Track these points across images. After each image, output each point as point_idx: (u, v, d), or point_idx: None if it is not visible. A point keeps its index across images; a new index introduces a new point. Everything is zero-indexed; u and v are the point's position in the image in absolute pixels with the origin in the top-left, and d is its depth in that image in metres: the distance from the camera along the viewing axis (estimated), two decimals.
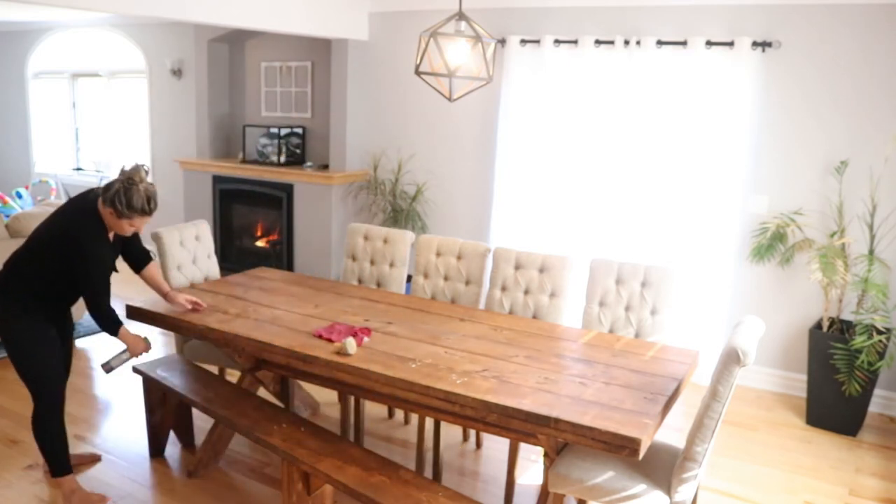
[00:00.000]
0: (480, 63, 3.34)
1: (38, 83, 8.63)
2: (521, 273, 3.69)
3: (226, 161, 6.74)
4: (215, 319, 3.24)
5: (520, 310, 3.67)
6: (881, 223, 4.23)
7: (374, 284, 4.11)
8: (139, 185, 3.11)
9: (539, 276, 3.65)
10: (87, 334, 5.25)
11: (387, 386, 2.70)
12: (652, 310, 3.42)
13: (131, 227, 3.13)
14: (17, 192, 7.31)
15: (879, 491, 3.51)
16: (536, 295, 3.65)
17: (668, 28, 4.71)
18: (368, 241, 4.16)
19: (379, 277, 4.10)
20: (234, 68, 6.97)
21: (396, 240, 4.08)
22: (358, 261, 4.18)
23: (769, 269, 4.61)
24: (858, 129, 4.30)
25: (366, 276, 4.15)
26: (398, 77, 5.89)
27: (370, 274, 4.13)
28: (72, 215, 3.11)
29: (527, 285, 3.67)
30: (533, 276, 3.66)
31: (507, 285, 3.72)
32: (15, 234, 4.82)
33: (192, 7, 4.60)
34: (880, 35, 4.17)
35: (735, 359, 2.32)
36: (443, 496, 2.58)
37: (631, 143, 4.86)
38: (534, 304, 3.64)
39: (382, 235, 4.12)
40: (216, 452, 3.49)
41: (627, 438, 2.24)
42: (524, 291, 3.68)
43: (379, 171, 6.06)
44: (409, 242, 4.08)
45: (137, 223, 3.12)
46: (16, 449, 3.62)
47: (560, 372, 2.75)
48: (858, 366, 3.92)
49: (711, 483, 3.48)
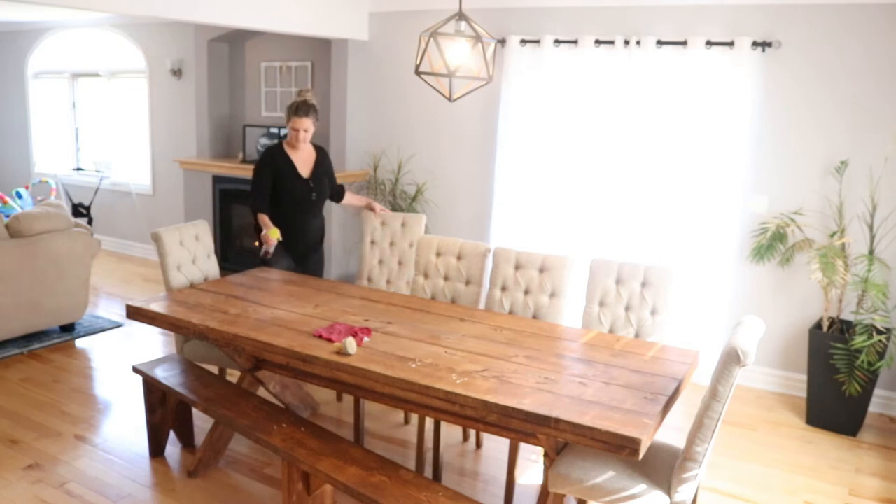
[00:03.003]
0: (480, 63, 3.34)
1: (38, 83, 8.62)
2: (522, 273, 3.69)
3: (226, 161, 6.74)
4: (215, 319, 3.23)
5: (520, 310, 3.67)
6: (881, 223, 4.23)
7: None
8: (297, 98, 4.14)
9: (539, 276, 3.65)
10: (87, 334, 5.25)
11: (387, 386, 2.70)
12: (652, 310, 3.42)
13: (294, 129, 4.09)
14: (17, 192, 7.30)
15: (879, 491, 3.51)
16: (536, 295, 3.65)
17: (668, 28, 4.71)
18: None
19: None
20: (234, 68, 6.97)
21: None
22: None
23: (769, 270, 4.61)
24: (858, 129, 4.30)
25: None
26: (398, 77, 5.89)
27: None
28: None
29: (527, 285, 3.67)
30: (533, 276, 3.66)
31: (508, 285, 3.72)
32: (15, 234, 4.82)
33: (192, 7, 4.60)
34: (880, 35, 4.17)
35: (735, 359, 2.32)
36: (443, 496, 2.58)
37: (631, 143, 4.86)
38: (534, 304, 3.64)
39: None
40: (216, 452, 3.49)
41: (627, 438, 2.24)
42: (524, 291, 3.68)
43: (379, 171, 6.06)
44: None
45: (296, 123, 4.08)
46: (16, 449, 3.62)
47: (560, 372, 2.75)
48: (858, 366, 3.92)
49: (711, 483, 3.48)
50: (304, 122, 4.09)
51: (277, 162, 4.16)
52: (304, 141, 4.16)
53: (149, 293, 6.26)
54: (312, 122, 4.13)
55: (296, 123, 4.09)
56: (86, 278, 5.23)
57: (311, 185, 4.23)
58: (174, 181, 7.33)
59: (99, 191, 7.93)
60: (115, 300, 6.17)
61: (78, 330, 5.30)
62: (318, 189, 4.27)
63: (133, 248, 7.91)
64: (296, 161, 4.21)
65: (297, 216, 4.24)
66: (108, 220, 8.03)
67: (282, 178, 4.16)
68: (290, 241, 4.21)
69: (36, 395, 4.25)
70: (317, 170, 4.28)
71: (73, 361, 4.80)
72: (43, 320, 5.04)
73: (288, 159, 4.19)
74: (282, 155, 4.19)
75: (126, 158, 7.94)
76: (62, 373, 4.59)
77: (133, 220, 7.86)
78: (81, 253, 5.16)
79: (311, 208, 4.28)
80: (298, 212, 4.24)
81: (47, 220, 4.99)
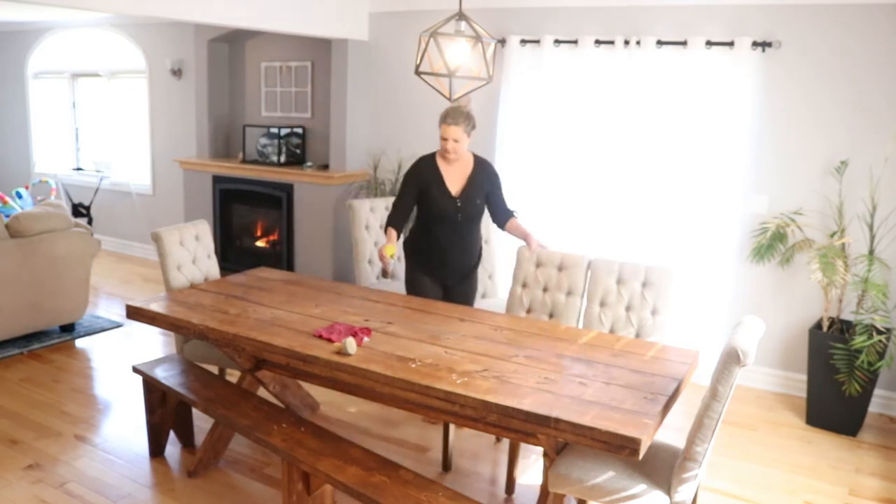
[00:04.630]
0: (480, 63, 3.35)
1: (38, 83, 8.62)
2: (542, 271, 3.75)
3: (226, 161, 6.74)
4: (215, 319, 3.23)
5: (538, 307, 3.73)
6: (881, 223, 4.23)
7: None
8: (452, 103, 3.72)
9: (558, 274, 3.70)
10: (87, 334, 5.25)
11: (387, 386, 2.70)
12: (653, 310, 3.42)
13: (443, 139, 3.64)
14: (17, 192, 7.29)
15: (879, 491, 3.51)
16: (554, 293, 3.70)
17: (668, 28, 4.71)
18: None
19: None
20: (234, 68, 6.97)
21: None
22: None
23: (769, 270, 4.61)
24: (858, 129, 4.30)
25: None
26: (398, 77, 5.89)
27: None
28: None
29: (546, 283, 3.73)
30: (552, 275, 3.72)
31: (528, 282, 3.77)
32: (15, 234, 4.83)
33: (192, 7, 4.60)
34: (881, 35, 4.17)
35: (735, 359, 2.32)
36: (443, 496, 2.58)
37: (631, 144, 4.85)
38: (551, 302, 3.69)
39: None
40: (216, 452, 3.49)
41: (627, 438, 2.24)
42: (543, 289, 3.74)
43: (379, 171, 6.06)
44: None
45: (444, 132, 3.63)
46: (16, 449, 3.62)
47: (560, 372, 2.75)
48: (858, 366, 3.92)
49: (711, 483, 3.48)
50: (454, 131, 3.59)
51: (425, 174, 3.70)
52: (454, 152, 3.65)
53: (149, 293, 6.26)
54: (464, 131, 3.62)
55: (444, 132, 3.61)
56: (86, 278, 5.23)
57: (457, 203, 3.69)
58: (174, 181, 7.33)
59: (99, 191, 7.93)
60: (115, 300, 6.17)
61: (78, 330, 5.30)
62: (465, 210, 3.71)
63: (133, 248, 7.91)
64: (446, 175, 3.71)
65: (442, 239, 3.74)
66: (108, 220, 8.03)
67: (427, 194, 3.69)
68: (434, 266, 3.80)
69: (36, 395, 4.25)
70: (469, 188, 3.72)
71: (73, 361, 4.80)
72: (43, 320, 5.04)
73: (437, 172, 3.70)
74: (431, 167, 3.72)
75: (126, 158, 7.94)
76: (62, 373, 4.59)
77: (133, 220, 7.86)
78: (81, 253, 5.16)
79: (457, 230, 3.74)
80: (443, 234, 3.73)
81: (47, 220, 4.99)
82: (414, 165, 3.78)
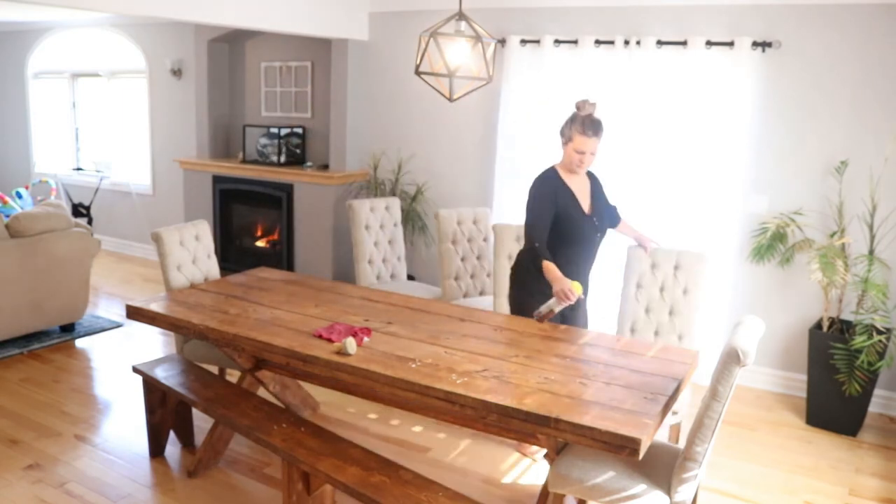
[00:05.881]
0: (480, 63, 3.34)
1: (38, 83, 8.62)
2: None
3: (226, 161, 6.74)
4: (215, 319, 3.23)
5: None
6: (881, 223, 4.23)
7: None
8: (580, 112, 3.26)
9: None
10: (87, 334, 5.25)
11: (387, 386, 2.70)
12: (684, 289, 3.64)
13: (579, 152, 3.24)
14: (17, 192, 7.30)
15: (879, 491, 3.51)
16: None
17: (668, 28, 4.71)
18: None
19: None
20: (234, 68, 6.97)
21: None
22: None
23: (769, 269, 4.61)
24: (858, 129, 4.30)
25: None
26: (398, 77, 5.89)
27: None
28: None
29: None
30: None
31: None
32: (15, 234, 4.83)
33: (192, 7, 4.60)
34: (880, 35, 4.17)
35: (735, 359, 2.32)
36: (443, 496, 2.58)
37: (631, 144, 4.85)
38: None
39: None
40: (216, 452, 3.49)
41: (627, 438, 2.24)
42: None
43: (379, 171, 6.06)
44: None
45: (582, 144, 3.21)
46: (16, 449, 3.62)
47: (560, 372, 2.75)
48: (858, 366, 3.92)
49: (711, 483, 3.48)
50: (594, 144, 3.23)
51: (561, 193, 3.31)
52: (589, 166, 3.36)
53: (149, 293, 6.26)
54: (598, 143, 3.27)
55: (582, 144, 3.21)
56: (86, 278, 5.23)
57: (594, 221, 3.39)
58: (174, 181, 7.33)
59: (99, 191, 7.93)
60: (115, 300, 6.17)
61: (78, 330, 5.30)
62: (602, 227, 3.45)
63: (133, 248, 7.91)
64: (576, 192, 3.37)
65: (582, 263, 3.39)
66: (108, 220, 8.03)
67: (565, 215, 3.29)
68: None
69: (36, 395, 4.25)
70: (596, 202, 3.45)
71: (73, 361, 4.80)
72: (43, 320, 5.04)
73: (568, 190, 3.33)
74: (561, 183, 3.32)
75: (126, 158, 7.94)
76: (62, 373, 4.59)
77: (133, 220, 7.86)
78: (81, 253, 5.16)
79: (593, 250, 3.44)
80: (583, 257, 3.39)
81: (47, 220, 4.99)
82: (544, 183, 3.33)
